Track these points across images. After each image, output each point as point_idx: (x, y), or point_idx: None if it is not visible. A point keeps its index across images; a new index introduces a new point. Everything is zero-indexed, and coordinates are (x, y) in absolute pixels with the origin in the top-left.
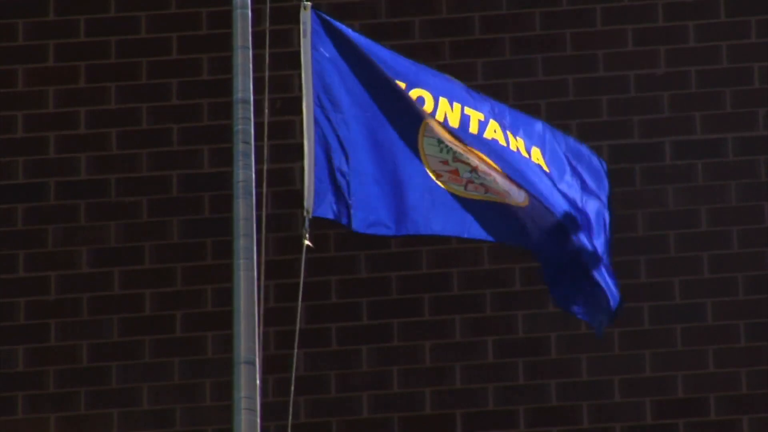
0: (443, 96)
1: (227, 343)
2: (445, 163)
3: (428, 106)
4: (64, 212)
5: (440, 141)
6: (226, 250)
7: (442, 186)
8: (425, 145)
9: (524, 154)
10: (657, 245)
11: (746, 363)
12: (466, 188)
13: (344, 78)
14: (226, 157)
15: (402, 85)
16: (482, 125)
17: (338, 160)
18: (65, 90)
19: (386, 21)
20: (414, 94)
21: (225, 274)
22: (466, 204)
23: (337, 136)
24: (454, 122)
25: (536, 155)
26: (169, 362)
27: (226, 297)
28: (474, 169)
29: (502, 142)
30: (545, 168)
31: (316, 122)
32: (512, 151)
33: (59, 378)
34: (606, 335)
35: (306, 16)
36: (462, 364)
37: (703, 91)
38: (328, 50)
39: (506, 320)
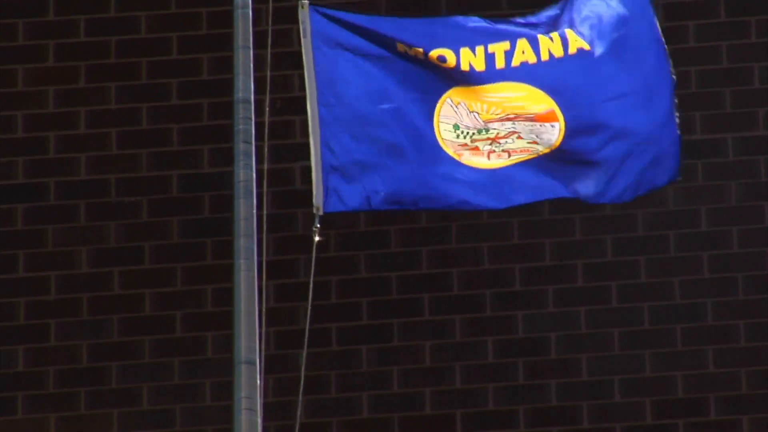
0: (463, 46)
1: (227, 343)
2: (464, 145)
3: (450, 62)
4: (64, 212)
5: (456, 126)
6: (226, 250)
7: (465, 163)
8: (441, 131)
9: (558, 53)
10: (657, 245)
11: (746, 363)
12: (489, 158)
13: (354, 68)
14: (226, 157)
15: (419, 51)
16: (508, 55)
17: (348, 152)
18: (65, 90)
19: None
20: (434, 54)
21: (225, 274)
22: (492, 175)
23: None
24: (480, 66)
25: (573, 39)
26: (169, 362)
27: (226, 297)
28: (493, 141)
29: (532, 60)
30: (586, 47)
31: (322, 121)
32: (544, 62)
33: (59, 378)
34: (606, 335)
35: (304, 15)
36: (462, 364)
37: (703, 91)
38: (332, 44)
39: (506, 320)
